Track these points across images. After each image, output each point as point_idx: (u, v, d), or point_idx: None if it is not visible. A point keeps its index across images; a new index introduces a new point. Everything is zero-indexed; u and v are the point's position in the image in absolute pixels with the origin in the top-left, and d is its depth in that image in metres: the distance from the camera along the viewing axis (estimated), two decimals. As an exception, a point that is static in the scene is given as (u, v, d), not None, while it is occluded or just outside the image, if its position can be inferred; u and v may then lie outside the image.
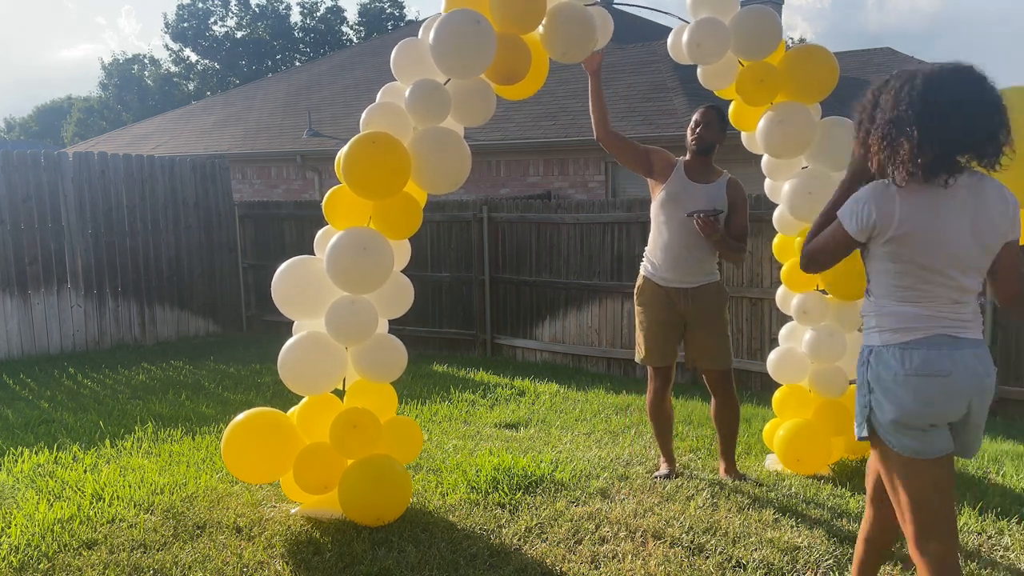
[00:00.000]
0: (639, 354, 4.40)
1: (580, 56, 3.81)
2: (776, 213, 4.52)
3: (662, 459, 4.46)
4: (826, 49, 4.06)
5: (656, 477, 4.33)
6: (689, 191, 4.17)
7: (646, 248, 4.40)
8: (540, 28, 3.74)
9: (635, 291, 4.42)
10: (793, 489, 4.12)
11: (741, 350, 7.23)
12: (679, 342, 4.38)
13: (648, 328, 4.31)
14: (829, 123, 4.13)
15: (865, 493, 2.69)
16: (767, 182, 4.57)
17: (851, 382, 4.63)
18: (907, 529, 2.32)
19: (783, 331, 4.67)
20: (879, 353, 2.34)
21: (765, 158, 4.42)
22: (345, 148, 3.53)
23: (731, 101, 4.39)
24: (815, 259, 2.49)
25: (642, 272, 4.38)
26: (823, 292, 4.35)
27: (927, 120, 2.16)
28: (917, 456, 2.27)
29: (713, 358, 4.28)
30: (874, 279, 2.41)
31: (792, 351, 4.54)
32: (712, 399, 4.37)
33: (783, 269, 4.53)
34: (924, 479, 2.28)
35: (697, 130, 4.19)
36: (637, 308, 4.39)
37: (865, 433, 2.40)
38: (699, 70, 4.24)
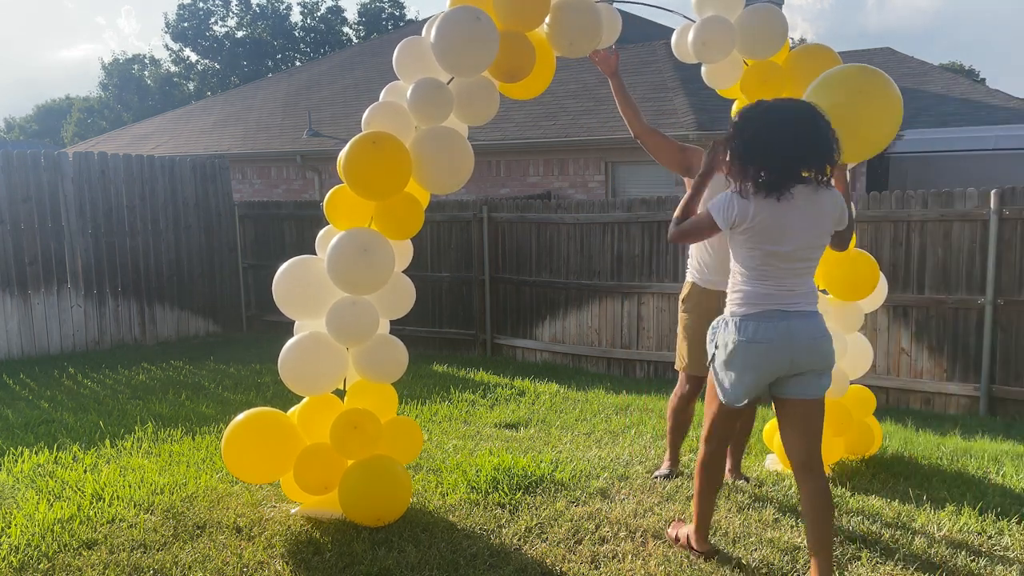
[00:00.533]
0: (680, 361, 4.21)
1: (587, 47, 3.79)
2: None
3: (667, 458, 4.44)
4: (830, 48, 4.03)
5: (656, 476, 4.33)
6: None
7: (690, 252, 4.24)
8: (545, 25, 3.74)
9: (681, 297, 4.23)
10: (793, 489, 4.12)
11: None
12: None
13: (694, 335, 4.09)
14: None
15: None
16: None
17: (851, 382, 4.64)
18: (704, 429, 3.26)
19: None
20: (727, 323, 3.04)
21: None
22: (345, 148, 3.53)
23: (735, 100, 4.39)
24: (686, 236, 3.25)
25: (689, 277, 4.21)
26: (823, 292, 4.35)
27: (772, 149, 2.85)
28: (727, 401, 3.07)
29: None
30: (734, 261, 3.07)
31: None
32: None
33: None
34: (726, 413, 3.14)
35: None
36: (682, 315, 4.19)
37: (709, 367, 3.19)
38: (703, 69, 4.23)
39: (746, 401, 3.02)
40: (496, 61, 3.53)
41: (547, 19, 3.71)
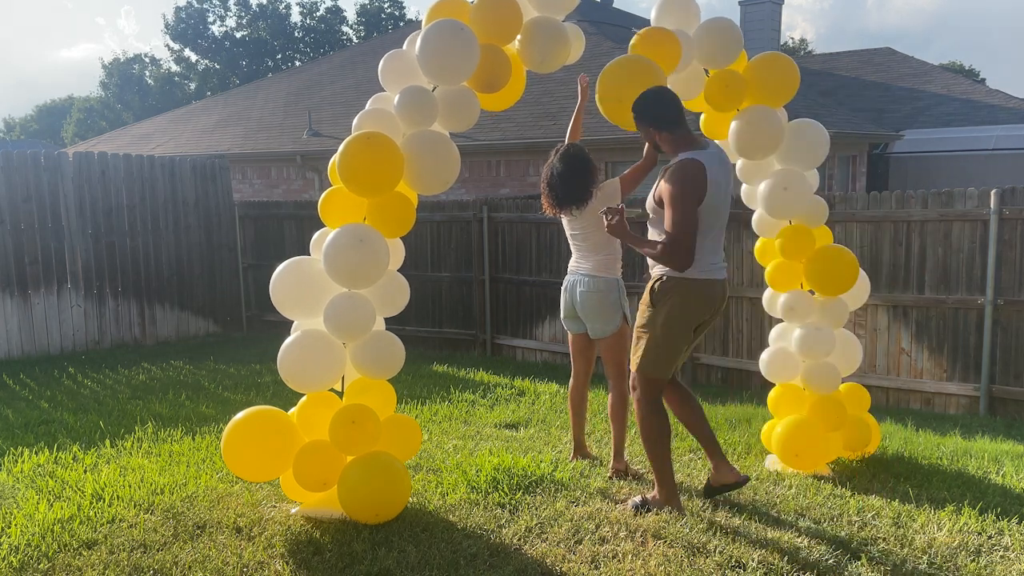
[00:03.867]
0: None
1: (556, 62, 4.02)
2: (755, 217, 4.65)
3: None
4: (787, 57, 4.30)
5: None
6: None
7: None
8: (516, 43, 3.98)
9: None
10: (793, 489, 4.12)
11: (741, 350, 7.23)
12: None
13: None
14: (797, 124, 4.33)
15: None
16: (744, 187, 4.71)
17: (847, 379, 4.65)
18: None
19: (774, 332, 4.70)
20: None
21: (740, 163, 4.54)
22: (340, 147, 3.63)
23: (700, 114, 4.53)
24: None
25: None
26: (811, 292, 4.42)
27: (549, 190, 4.47)
28: (568, 328, 4.69)
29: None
30: None
31: (783, 350, 4.56)
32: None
33: (767, 271, 4.58)
34: (570, 339, 4.74)
35: None
36: None
37: None
38: (668, 80, 4.33)
39: (573, 331, 4.63)
40: (477, 71, 3.74)
41: (519, 37, 3.94)
